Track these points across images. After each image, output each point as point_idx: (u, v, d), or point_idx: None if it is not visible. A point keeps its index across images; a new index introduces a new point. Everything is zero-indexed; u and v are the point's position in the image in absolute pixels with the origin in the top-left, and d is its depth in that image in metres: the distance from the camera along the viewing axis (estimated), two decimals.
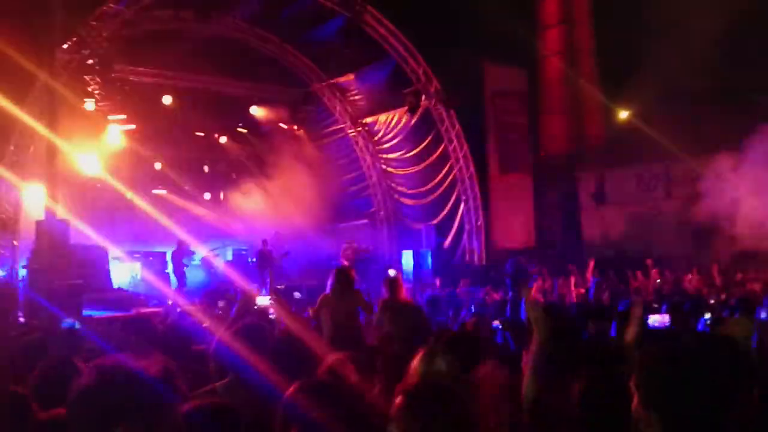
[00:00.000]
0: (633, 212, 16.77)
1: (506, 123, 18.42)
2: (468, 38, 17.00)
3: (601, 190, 17.54)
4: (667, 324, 5.83)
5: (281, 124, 21.42)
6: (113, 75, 15.53)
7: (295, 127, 20.53)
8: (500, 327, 5.76)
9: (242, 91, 19.71)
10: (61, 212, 10.86)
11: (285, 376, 3.11)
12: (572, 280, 10.53)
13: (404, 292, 6.46)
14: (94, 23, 13.63)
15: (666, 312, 6.19)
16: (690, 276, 11.86)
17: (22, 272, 11.21)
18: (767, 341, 4.64)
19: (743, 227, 12.62)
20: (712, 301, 8.58)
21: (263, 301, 12.57)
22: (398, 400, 2.21)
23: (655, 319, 5.87)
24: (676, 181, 16.28)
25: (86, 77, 14.19)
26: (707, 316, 6.41)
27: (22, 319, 7.89)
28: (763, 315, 6.15)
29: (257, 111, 19.93)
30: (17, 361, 3.86)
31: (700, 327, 6.17)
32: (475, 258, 17.94)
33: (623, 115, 18.47)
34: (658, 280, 11.40)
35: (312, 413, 2.29)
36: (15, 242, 13.42)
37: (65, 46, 12.83)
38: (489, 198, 18.00)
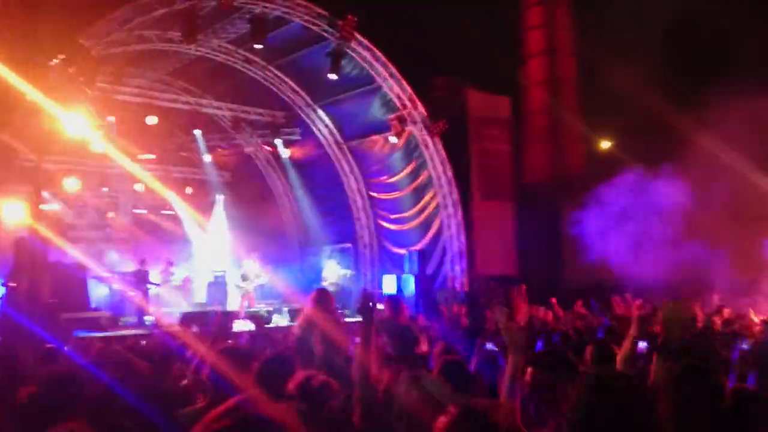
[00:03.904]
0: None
1: (489, 150, 18.58)
2: (453, 66, 17.22)
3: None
4: (645, 350, 5.88)
5: (265, 147, 21.48)
6: (98, 93, 15.54)
7: (279, 150, 20.57)
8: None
9: (227, 113, 19.76)
10: (42, 230, 10.77)
11: (268, 395, 3.13)
12: (552, 313, 10.53)
13: (406, 313, 6.31)
14: (83, 42, 13.61)
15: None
16: None
17: (0, 290, 11.08)
18: None
19: None
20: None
21: (240, 325, 12.54)
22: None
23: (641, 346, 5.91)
24: None
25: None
26: None
27: None
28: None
29: (242, 132, 19.97)
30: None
31: None
32: (457, 284, 17.98)
33: (604, 145, 18.76)
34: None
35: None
36: None
37: (54, 62, 12.81)
38: (472, 224, 18.08)
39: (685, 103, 14.61)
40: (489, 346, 5.81)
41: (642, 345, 5.67)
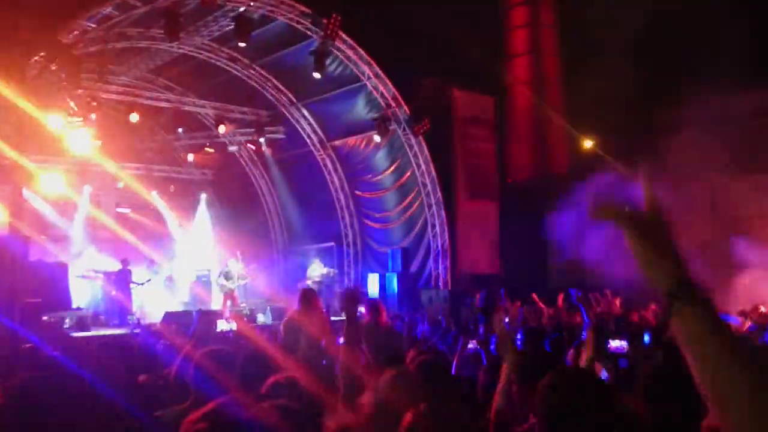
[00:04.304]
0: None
1: (474, 149, 18.63)
2: (438, 65, 17.24)
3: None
4: (626, 349, 5.94)
5: (249, 145, 21.40)
6: (81, 91, 15.41)
7: (263, 149, 20.50)
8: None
9: (210, 111, 19.66)
10: (23, 229, 10.66)
11: (250, 396, 3.13)
12: (536, 308, 10.60)
13: (384, 316, 6.30)
14: (63, 39, 13.49)
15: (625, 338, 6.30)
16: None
17: None
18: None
19: None
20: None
21: (223, 324, 12.50)
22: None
23: (615, 345, 5.97)
24: None
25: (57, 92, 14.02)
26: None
27: None
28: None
29: (225, 131, 19.86)
30: None
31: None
32: (441, 283, 18.03)
33: (588, 144, 18.88)
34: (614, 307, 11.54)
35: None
36: None
37: (34, 59, 12.69)
38: (455, 223, 18.14)
39: (664, 101, 14.77)
40: (472, 344, 5.83)
41: (620, 344, 5.73)
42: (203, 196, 21.32)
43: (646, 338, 6.97)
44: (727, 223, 15.53)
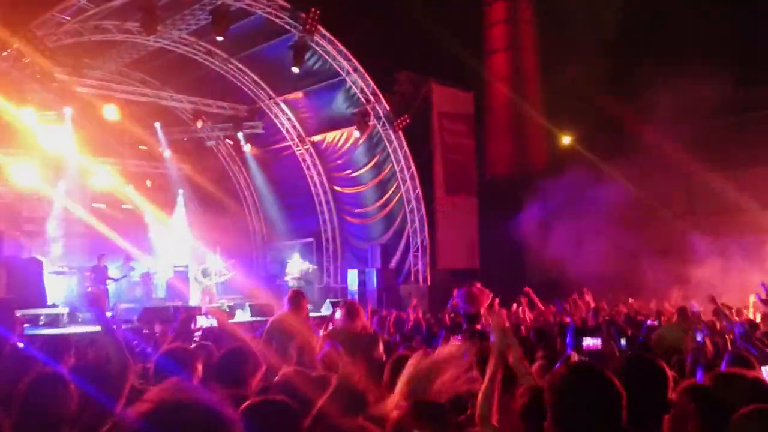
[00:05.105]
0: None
1: (453, 145, 18.66)
2: (417, 61, 17.24)
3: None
4: (600, 347, 5.98)
5: (227, 141, 21.24)
6: (55, 85, 15.17)
7: (242, 144, 20.36)
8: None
9: (187, 105, 19.47)
10: None
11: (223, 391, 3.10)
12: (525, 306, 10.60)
13: (363, 318, 5.92)
14: (36, 32, 13.26)
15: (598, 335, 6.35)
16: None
17: None
18: None
19: None
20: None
21: (203, 320, 12.38)
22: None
23: (589, 342, 6.00)
24: None
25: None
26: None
27: None
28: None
29: (202, 126, 19.68)
30: None
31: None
32: (420, 278, 18.04)
33: (565, 140, 18.99)
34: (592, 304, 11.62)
35: None
36: None
37: (5, 53, 12.47)
38: (435, 219, 18.15)
39: (642, 95, 14.95)
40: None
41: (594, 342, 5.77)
42: (181, 192, 21.11)
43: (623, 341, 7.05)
44: (703, 217, 15.75)
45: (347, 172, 19.50)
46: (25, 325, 13.52)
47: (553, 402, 2.29)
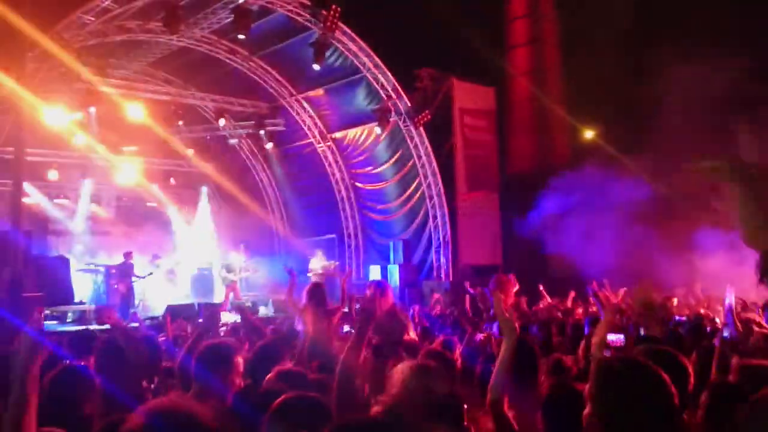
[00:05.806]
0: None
1: (474, 140, 18.60)
2: (438, 57, 17.19)
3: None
4: (623, 342, 5.96)
5: (249, 139, 21.38)
6: (80, 85, 15.39)
7: (263, 141, 20.48)
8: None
9: (210, 103, 19.63)
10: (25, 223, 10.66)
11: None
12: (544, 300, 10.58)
13: (392, 297, 6.03)
14: (62, 33, 13.45)
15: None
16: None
17: None
18: None
19: None
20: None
21: (226, 317, 12.51)
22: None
23: (612, 337, 5.98)
24: None
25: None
26: None
27: None
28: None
29: (225, 124, 19.83)
30: None
31: None
32: (443, 274, 18.03)
33: (588, 134, 18.83)
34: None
35: None
36: None
37: (30, 54, 12.64)
38: (456, 214, 18.12)
39: (657, 86, 14.74)
40: (479, 336, 5.85)
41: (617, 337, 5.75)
42: (204, 189, 21.30)
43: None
44: (722, 212, 15.53)
45: (369, 168, 19.54)
46: (54, 322, 13.82)
47: (601, 394, 2.30)
